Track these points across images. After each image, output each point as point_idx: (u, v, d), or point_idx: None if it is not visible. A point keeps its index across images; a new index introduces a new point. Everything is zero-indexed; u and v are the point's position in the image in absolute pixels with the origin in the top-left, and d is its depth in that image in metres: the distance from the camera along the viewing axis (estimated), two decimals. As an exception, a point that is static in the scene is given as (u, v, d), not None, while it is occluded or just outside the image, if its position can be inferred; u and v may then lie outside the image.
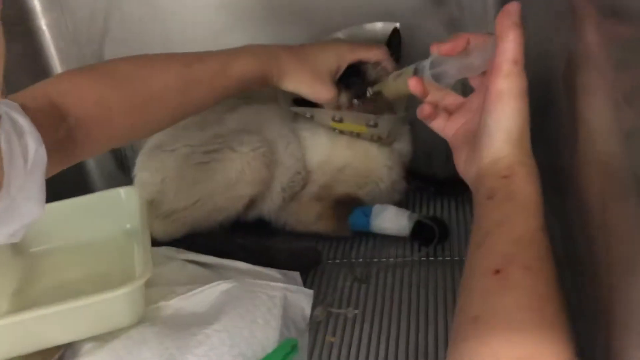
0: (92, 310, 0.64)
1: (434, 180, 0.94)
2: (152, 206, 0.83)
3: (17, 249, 0.80)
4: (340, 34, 0.88)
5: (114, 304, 0.65)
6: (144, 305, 0.68)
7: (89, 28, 0.98)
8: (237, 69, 0.70)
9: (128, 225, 0.83)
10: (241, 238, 0.83)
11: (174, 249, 0.80)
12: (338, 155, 0.87)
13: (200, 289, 0.70)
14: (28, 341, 0.65)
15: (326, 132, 0.86)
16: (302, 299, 0.72)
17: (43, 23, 0.98)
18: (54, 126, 0.56)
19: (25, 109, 0.53)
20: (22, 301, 0.74)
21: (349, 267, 0.81)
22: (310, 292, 0.73)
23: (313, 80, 0.75)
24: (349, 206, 0.86)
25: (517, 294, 0.41)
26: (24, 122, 0.51)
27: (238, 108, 0.88)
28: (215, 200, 0.83)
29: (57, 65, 1.00)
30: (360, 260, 0.83)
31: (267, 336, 0.66)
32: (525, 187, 0.47)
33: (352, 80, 0.79)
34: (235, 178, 0.82)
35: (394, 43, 0.86)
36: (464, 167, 0.54)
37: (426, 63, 0.58)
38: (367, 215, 0.85)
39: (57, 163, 0.56)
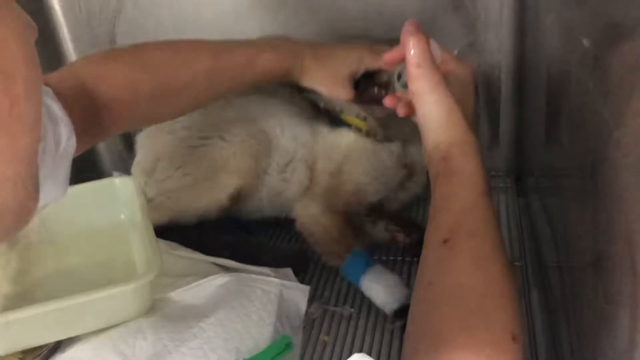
0: (101, 305, 0.65)
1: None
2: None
3: (14, 238, 0.80)
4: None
5: (123, 298, 0.65)
6: (151, 299, 0.68)
7: (101, 8, 0.98)
8: (262, 63, 0.71)
9: (123, 216, 0.83)
10: (229, 235, 0.83)
11: (165, 242, 0.79)
12: (337, 147, 0.86)
13: (198, 282, 0.71)
14: (33, 335, 0.65)
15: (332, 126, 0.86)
16: (298, 295, 0.72)
17: (56, 3, 0.98)
18: (84, 109, 0.57)
19: (58, 92, 0.53)
20: (21, 289, 0.75)
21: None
22: (307, 288, 0.73)
23: (332, 81, 0.76)
24: (354, 232, 0.83)
25: (463, 258, 0.47)
26: (57, 109, 0.51)
27: (248, 94, 0.88)
28: (199, 187, 0.82)
29: (69, 45, 1.01)
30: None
31: (261, 332, 0.67)
32: (462, 163, 0.53)
33: (364, 81, 0.78)
34: (219, 166, 0.81)
35: None
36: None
37: (394, 78, 0.65)
38: (369, 263, 0.75)
39: (81, 144, 0.57)
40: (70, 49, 1.01)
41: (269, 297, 0.69)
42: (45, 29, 0.98)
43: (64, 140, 0.51)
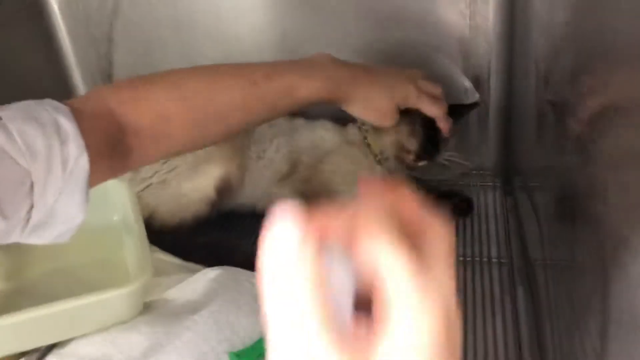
0: (93, 308, 0.66)
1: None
2: None
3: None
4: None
5: (116, 302, 0.66)
6: (143, 302, 0.70)
7: (99, 9, 0.99)
8: (303, 92, 0.68)
9: (116, 217, 0.84)
10: (202, 236, 0.84)
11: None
12: (327, 139, 0.89)
13: (189, 278, 0.73)
14: (25, 339, 0.66)
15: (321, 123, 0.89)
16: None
17: (55, 4, 1.00)
18: (109, 134, 0.55)
19: (79, 113, 0.52)
20: (14, 287, 0.76)
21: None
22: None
23: (377, 111, 0.77)
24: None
25: None
26: (70, 127, 0.50)
27: None
28: (186, 180, 0.83)
29: (68, 46, 1.03)
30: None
31: (253, 322, 0.69)
32: None
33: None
34: (203, 158, 0.82)
35: (464, 110, 0.89)
36: None
37: None
38: None
39: (107, 171, 0.56)
40: (69, 50, 1.03)
41: (257, 290, 0.71)
42: (44, 30, 1.00)
43: (72, 159, 0.49)
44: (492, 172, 1.00)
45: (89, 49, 1.03)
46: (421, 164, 0.86)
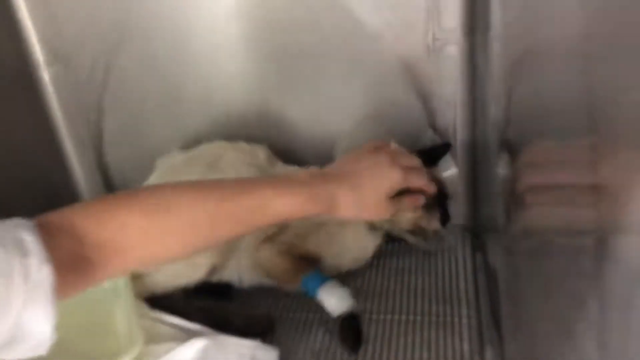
0: None
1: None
2: None
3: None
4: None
5: None
6: None
7: (89, 81, 1.05)
8: (277, 208, 0.68)
9: (106, 285, 0.86)
10: (200, 300, 0.87)
11: (143, 305, 0.84)
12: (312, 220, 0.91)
13: (177, 349, 0.77)
14: None
15: None
16: (269, 357, 0.78)
17: (46, 75, 1.05)
18: (70, 249, 0.56)
19: (43, 229, 0.53)
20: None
21: (321, 323, 0.87)
22: (276, 351, 0.79)
23: (369, 210, 0.76)
24: (307, 264, 0.90)
25: None
26: (31, 241, 0.51)
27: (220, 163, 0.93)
28: (176, 267, 0.87)
29: (59, 116, 1.08)
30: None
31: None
32: None
33: None
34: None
35: (437, 154, 0.94)
36: None
37: None
38: (317, 286, 0.87)
39: (72, 286, 0.56)
40: (60, 120, 1.08)
41: (245, 360, 0.76)
42: (35, 101, 1.05)
43: (35, 271, 0.50)
44: (461, 228, 1.04)
45: (79, 117, 1.08)
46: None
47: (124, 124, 1.08)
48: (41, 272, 0.50)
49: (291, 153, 1.03)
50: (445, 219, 0.92)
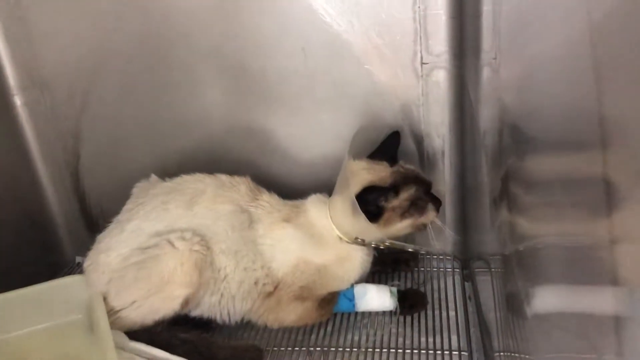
0: None
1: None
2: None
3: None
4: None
5: None
6: None
7: (66, 106, 1.01)
8: None
9: (80, 315, 0.85)
10: (184, 332, 0.84)
11: (123, 335, 0.82)
12: (316, 255, 0.89)
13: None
14: None
15: (297, 238, 0.89)
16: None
17: (19, 100, 1.01)
18: None
19: None
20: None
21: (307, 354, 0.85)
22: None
23: None
24: (330, 300, 0.90)
25: None
26: None
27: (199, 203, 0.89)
28: (151, 301, 0.84)
29: (34, 141, 1.04)
30: (318, 348, 0.86)
31: None
32: None
33: None
34: (167, 277, 0.82)
35: (392, 144, 0.92)
36: None
37: None
38: (351, 299, 0.90)
39: None
40: (34, 146, 1.04)
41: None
42: (8, 127, 1.02)
43: None
44: (451, 257, 1.03)
45: (55, 142, 1.04)
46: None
47: (101, 150, 1.05)
48: None
49: (276, 177, 1.00)
50: (437, 204, 0.90)
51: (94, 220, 1.09)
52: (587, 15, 0.40)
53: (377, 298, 0.90)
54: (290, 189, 0.96)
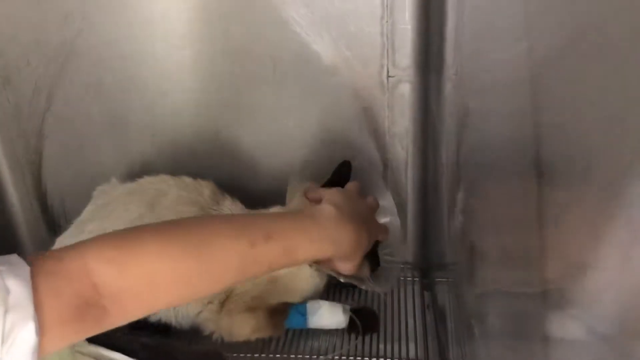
0: None
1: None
2: None
3: None
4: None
5: None
6: None
7: (30, 104, 1.00)
8: (299, 255, 0.65)
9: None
10: (145, 337, 0.83)
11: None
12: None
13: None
14: None
15: None
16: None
17: (-19, 96, 1.00)
18: (80, 296, 0.50)
19: (46, 275, 0.48)
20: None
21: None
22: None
23: (357, 263, 0.74)
24: (283, 311, 0.89)
25: None
26: (20, 293, 0.45)
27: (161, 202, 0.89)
28: None
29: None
30: (278, 355, 0.87)
31: None
32: None
33: None
34: None
35: (344, 173, 0.90)
36: None
37: None
38: (303, 314, 0.89)
39: (73, 334, 0.51)
40: (-5, 144, 1.02)
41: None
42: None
43: (15, 330, 0.44)
44: (411, 266, 1.04)
45: (17, 141, 1.03)
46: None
47: (65, 150, 1.04)
48: (22, 334, 0.45)
49: (241, 183, 1.00)
50: (375, 264, 0.84)
51: (55, 221, 1.08)
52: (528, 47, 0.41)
53: (329, 316, 0.89)
54: (254, 195, 0.97)
